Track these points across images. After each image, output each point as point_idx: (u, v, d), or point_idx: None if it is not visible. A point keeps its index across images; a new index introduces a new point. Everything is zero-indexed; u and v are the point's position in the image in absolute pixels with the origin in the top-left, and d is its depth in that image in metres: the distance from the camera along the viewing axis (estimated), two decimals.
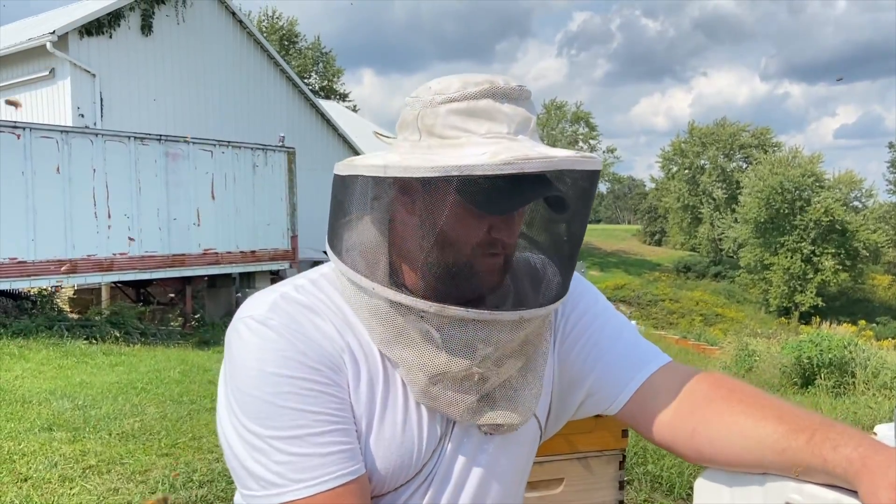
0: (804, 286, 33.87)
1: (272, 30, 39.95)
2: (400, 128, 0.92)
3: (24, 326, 9.13)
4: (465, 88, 0.85)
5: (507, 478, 0.99)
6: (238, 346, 0.88)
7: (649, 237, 56.79)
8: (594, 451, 1.95)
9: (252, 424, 0.84)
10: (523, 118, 0.86)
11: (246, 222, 13.21)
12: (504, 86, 0.86)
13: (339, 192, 0.93)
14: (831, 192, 35.05)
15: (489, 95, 0.85)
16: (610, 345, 1.02)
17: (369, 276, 0.87)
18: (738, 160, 46.07)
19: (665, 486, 4.09)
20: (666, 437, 0.97)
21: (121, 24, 14.78)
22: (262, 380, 0.84)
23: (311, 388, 0.84)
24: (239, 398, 0.85)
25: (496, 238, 0.86)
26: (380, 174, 0.84)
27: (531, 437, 1.02)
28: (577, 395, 1.03)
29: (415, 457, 0.91)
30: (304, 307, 0.90)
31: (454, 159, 0.78)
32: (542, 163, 0.78)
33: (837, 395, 8.19)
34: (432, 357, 0.87)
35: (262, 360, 0.85)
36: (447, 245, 0.84)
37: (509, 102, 0.86)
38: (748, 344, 11.49)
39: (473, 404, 0.89)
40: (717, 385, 0.95)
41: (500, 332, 0.86)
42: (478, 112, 0.85)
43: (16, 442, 4.42)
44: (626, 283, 35.25)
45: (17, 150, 9.68)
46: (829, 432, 0.81)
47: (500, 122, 0.85)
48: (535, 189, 0.84)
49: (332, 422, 0.85)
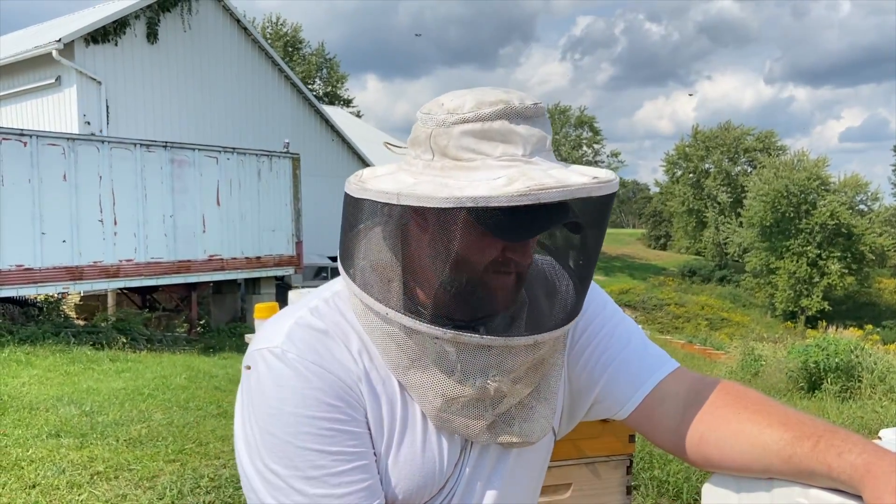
0: (810, 290, 33.73)
1: (276, 36, 40.09)
2: (412, 144, 0.90)
3: (30, 333, 9.17)
4: (478, 109, 0.83)
5: (524, 487, 1.01)
6: (256, 381, 0.88)
7: (654, 241, 56.69)
8: (602, 456, 1.95)
9: (271, 463, 0.85)
10: (539, 138, 0.85)
11: (251, 228, 13.25)
12: (519, 105, 0.84)
13: (351, 212, 0.92)
14: (837, 195, 34.93)
15: (504, 116, 0.83)
16: (618, 351, 1.02)
17: (383, 301, 0.87)
18: (742, 164, 45.98)
19: (672, 491, 4.08)
20: (673, 442, 0.98)
21: (126, 31, 14.86)
22: (281, 419, 0.85)
23: (331, 428, 0.85)
24: (258, 436, 0.86)
25: (510, 258, 0.86)
26: (392, 201, 0.83)
27: (546, 444, 1.04)
28: (587, 400, 1.04)
29: (437, 476, 0.92)
30: (320, 333, 0.90)
31: (468, 187, 0.78)
32: (559, 192, 0.76)
33: (844, 399, 8.15)
34: (446, 381, 0.87)
35: (281, 398, 0.85)
36: (460, 268, 0.83)
37: (524, 122, 0.84)
38: (754, 348, 11.44)
39: (489, 425, 0.90)
40: (724, 392, 0.96)
41: (515, 356, 0.86)
42: (492, 134, 0.83)
43: (24, 448, 4.44)
44: (630, 288, 35.15)
45: (23, 157, 9.74)
46: (833, 439, 0.82)
47: (515, 143, 0.83)
48: (554, 216, 0.83)
49: (350, 460, 0.85)
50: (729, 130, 45.94)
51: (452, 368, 0.86)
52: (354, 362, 0.89)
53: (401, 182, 0.85)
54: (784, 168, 36.14)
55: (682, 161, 47.44)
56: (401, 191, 0.82)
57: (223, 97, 16.87)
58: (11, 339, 8.74)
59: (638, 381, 1.00)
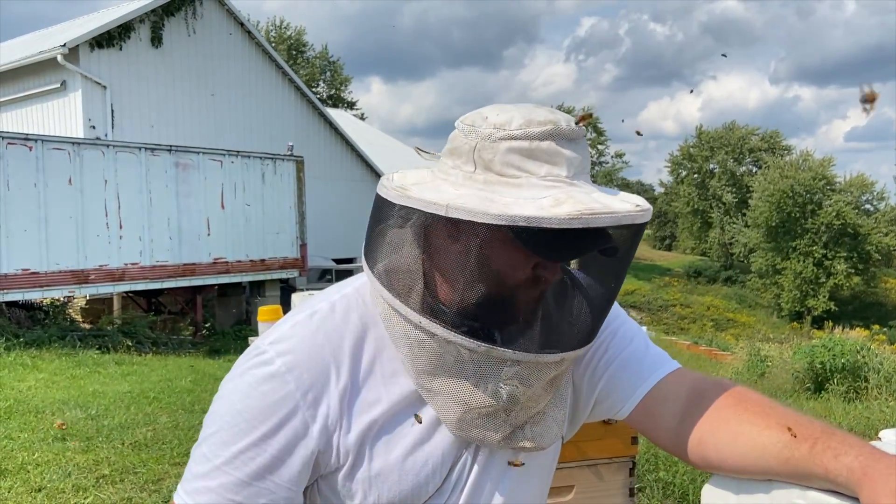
0: (816, 290, 33.63)
1: (280, 39, 40.19)
2: (451, 154, 0.90)
3: (36, 337, 9.20)
4: (527, 127, 0.84)
5: (533, 490, 1.03)
6: (236, 374, 0.91)
7: (659, 242, 56.60)
8: (604, 458, 1.95)
9: (204, 430, 0.91)
10: (581, 162, 0.86)
11: (255, 231, 13.27)
12: (566, 128, 0.85)
13: (386, 216, 0.92)
14: (843, 195, 34.84)
15: (552, 137, 0.84)
16: (619, 351, 1.03)
17: (416, 309, 0.87)
18: (747, 164, 45.87)
19: (677, 493, 4.08)
20: (673, 443, 0.98)
21: (131, 36, 14.91)
22: (232, 416, 0.88)
23: (261, 451, 0.87)
24: (212, 417, 0.91)
25: (540, 274, 0.87)
26: (440, 213, 0.82)
27: (554, 450, 1.06)
28: (589, 401, 1.04)
29: (431, 478, 0.92)
30: (309, 344, 0.90)
31: (515, 205, 0.78)
32: (608, 218, 0.78)
33: (850, 400, 8.13)
34: (470, 390, 0.88)
35: (244, 399, 0.88)
36: (494, 282, 0.85)
37: (570, 145, 0.85)
38: (760, 349, 11.42)
39: (507, 435, 0.91)
40: (725, 393, 0.96)
41: (540, 370, 0.88)
42: (538, 153, 0.84)
43: (29, 452, 4.45)
44: (636, 289, 35.10)
45: (29, 162, 9.78)
46: (830, 441, 0.82)
47: (560, 165, 0.84)
48: (597, 241, 0.85)
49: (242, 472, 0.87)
50: (733, 130, 45.83)
51: (477, 379, 0.88)
52: (338, 370, 0.90)
53: (443, 192, 0.84)
54: (789, 168, 36.05)
55: (686, 161, 47.35)
56: (449, 203, 0.81)
57: (227, 101, 16.91)
58: (18, 342, 8.77)
59: (638, 379, 1.00)
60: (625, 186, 59.96)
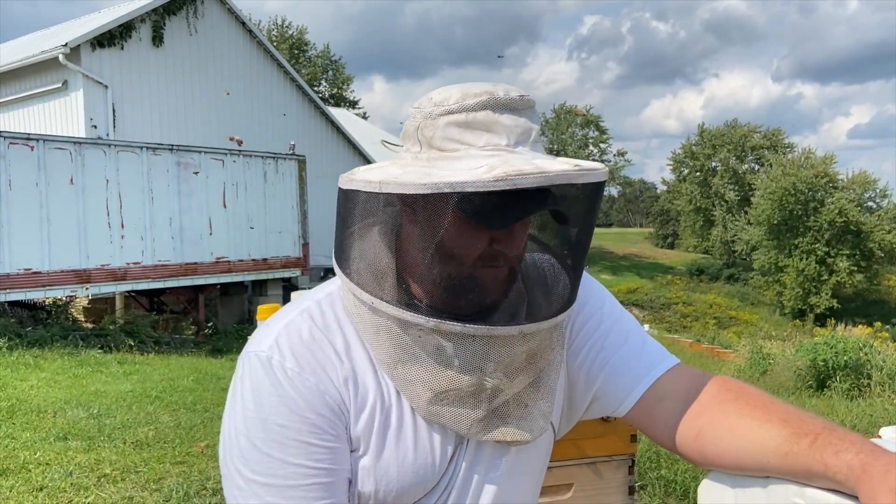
0: (819, 288, 33.57)
1: (282, 39, 40.17)
2: (403, 138, 0.92)
3: (39, 336, 9.21)
4: (463, 100, 0.84)
5: (523, 486, 1.01)
6: (240, 382, 0.91)
7: (661, 240, 56.53)
8: (603, 456, 1.94)
9: (238, 463, 0.88)
10: (524, 129, 0.85)
11: (257, 230, 13.28)
12: (504, 96, 0.85)
13: (342, 205, 0.93)
14: (845, 192, 34.77)
15: (488, 107, 0.84)
16: (616, 348, 1.01)
17: (370, 291, 0.88)
18: (749, 162, 45.80)
19: (679, 490, 4.07)
20: (671, 439, 0.97)
21: (132, 35, 14.91)
22: (252, 423, 0.88)
23: (296, 439, 0.86)
24: (233, 434, 0.89)
25: (498, 250, 0.85)
26: (375, 190, 0.84)
27: (545, 443, 1.04)
28: (585, 398, 1.03)
29: (429, 473, 0.92)
30: (307, 338, 0.91)
31: (448, 174, 0.78)
32: (537, 178, 0.76)
33: (853, 397, 8.11)
34: (436, 373, 0.87)
35: (256, 403, 0.88)
36: (448, 258, 0.84)
37: (509, 113, 0.85)
38: (763, 347, 11.40)
39: (482, 419, 0.89)
40: (723, 388, 0.95)
41: (503, 347, 0.86)
42: (476, 124, 0.84)
43: (31, 451, 4.46)
44: (638, 287, 35.07)
45: (31, 161, 9.79)
46: (830, 437, 0.81)
47: (499, 133, 0.84)
48: (533, 203, 0.83)
49: (310, 475, 0.86)
50: (735, 128, 45.75)
51: (439, 360, 0.86)
52: (340, 362, 0.90)
53: (388, 173, 0.85)
54: (792, 166, 35.98)
55: (688, 159, 47.28)
56: (383, 179, 0.83)
57: (229, 100, 16.91)
58: (20, 342, 8.79)
59: (636, 377, 0.99)
60: (627, 184, 59.92)
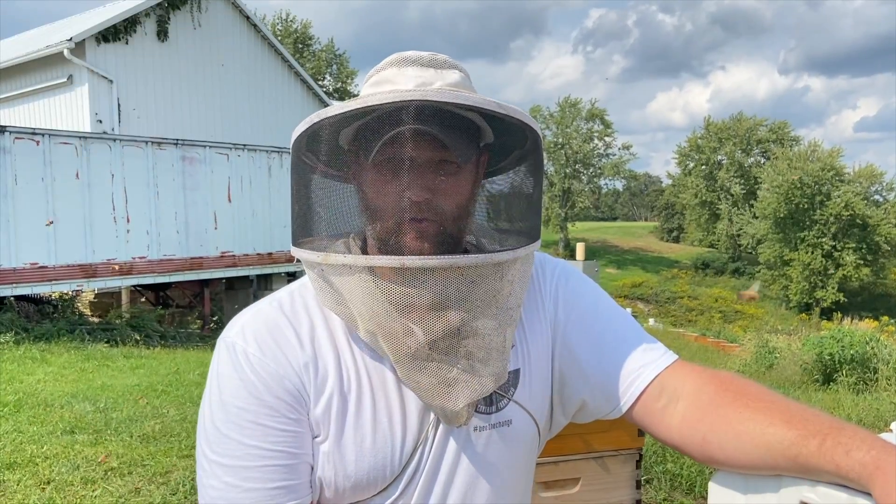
0: (825, 282, 33.52)
1: (286, 33, 40.15)
2: None
3: (45, 331, 9.25)
4: (378, 67, 0.92)
5: (499, 477, 0.98)
6: (212, 367, 0.94)
7: (667, 234, 56.48)
8: (610, 450, 1.94)
9: (203, 444, 0.92)
10: (426, 79, 0.89)
11: (262, 225, 13.29)
12: (411, 55, 0.91)
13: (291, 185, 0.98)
14: (851, 186, 34.65)
15: (394, 64, 0.91)
16: (612, 348, 0.99)
17: (308, 247, 0.91)
18: (755, 155, 45.67)
19: (685, 484, 4.07)
20: (676, 441, 0.95)
21: (137, 29, 14.92)
22: (216, 406, 0.91)
23: (253, 421, 0.88)
24: (201, 418, 0.93)
25: (407, 197, 0.84)
26: (290, 146, 0.92)
27: (525, 434, 1.00)
28: (576, 399, 1.01)
29: (389, 460, 0.91)
30: (272, 324, 0.93)
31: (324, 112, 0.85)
32: (388, 94, 0.82)
33: (860, 391, 8.09)
34: (388, 320, 0.85)
35: (220, 386, 0.91)
36: (367, 201, 0.89)
37: (415, 68, 0.90)
38: (768, 341, 11.39)
39: (450, 378, 0.87)
40: (723, 388, 0.93)
41: (452, 283, 0.84)
42: (384, 82, 0.90)
43: (38, 445, 4.48)
44: (643, 281, 35.05)
45: (36, 156, 9.80)
46: (839, 436, 0.79)
47: (401, 84, 0.89)
48: (392, 125, 0.82)
49: (266, 457, 0.88)
50: (741, 121, 45.61)
51: (383, 300, 0.85)
52: (301, 348, 0.91)
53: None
54: (798, 159, 35.85)
55: (694, 153, 47.18)
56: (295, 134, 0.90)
57: (233, 94, 16.92)
58: (27, 336, 8.82)
59: (633, 375, 0.97)
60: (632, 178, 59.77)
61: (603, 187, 53.88)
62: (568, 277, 1.06)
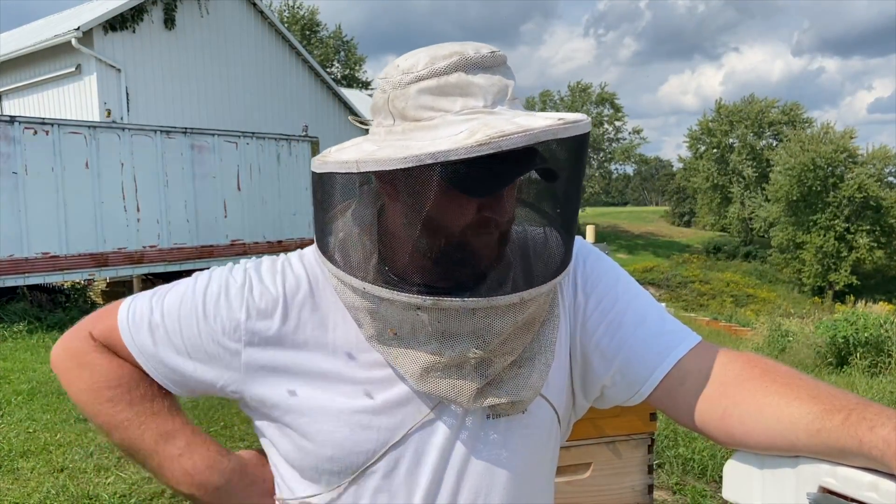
0: (838, 265, 33.27)
1: (294, 20, 40.02)
2: (373, 112, 0.87)
3: (58, 320, 9.31)
4: (433, 64, 0.80)
5: (518, 468, 0.95)
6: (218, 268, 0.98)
7: (678, 218, 56.21)
8: (622, 435, 1.92)
9: (167, 297, 0.99)
10: (500, 87, 0.81)
11: (272, 213, 13.30)
12: (474, 55, 0.81)
13: (318, 190, 0.89)
14: (865, 167, 34.30)
15: (459, 68, 0.80)
16: (634, 328, 0.96)
17: (359, 276, 0.84)
18: (767, 138, 45.25)
19: (697, 468, 4.05)
20: (695, 420, 0.92)
21: (144, 18, 14.90)
22: (192, 282, 0.97)
23: (198, 309, 0.93)
24: (185, 283, 0.98)
25: (488, 217, 0.82)
26: (352, 170, 0.79)
27: (545, 424, 0.97)
28: (602, 379, 0.98)
29: (367, 442, 0.89)
30: (270, 274, 0.95)
31: (430, 145, 0.74)
32: (521, 137, 0.72)
33: (874, 374, 8.04)
34: (431, 348, 0.84)
35: (206, 276, 0.97)
36: (436, 232, 0.81)
37: (483, 72, 0.81)
38: (781, 324, 11.33)
39: (480, 389, 0.86)
40: (749, 365, 0.90)
41: (502, 317, 0.82)
42: (449, 88, 0.79)
43: (52, 433, 4.51)
44: (655, 266, 34.92)
45: (46, 146, 9.83)
46: (864, 412, 0.77)
47: (475, 95, 0.79)
48: (520, 164, 0.79)
49: (175, 333, 0.94)
50: (753, 104, 45.16)
51: (437, 336, 0.83)
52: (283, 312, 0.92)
53: (363, 150, 0.81)
54: (811, 141, 35.51)
55: (705, 136, 46.80)
56: (359, 158, 0.78)
57: (241, 82, 16.90)
58: (40, 325, 8.89)
59: (657, 357, 0.94)
60: (643, 162, 59.49)
61: (613, 172, 53.65)
62: (586, 258, 1.02)
